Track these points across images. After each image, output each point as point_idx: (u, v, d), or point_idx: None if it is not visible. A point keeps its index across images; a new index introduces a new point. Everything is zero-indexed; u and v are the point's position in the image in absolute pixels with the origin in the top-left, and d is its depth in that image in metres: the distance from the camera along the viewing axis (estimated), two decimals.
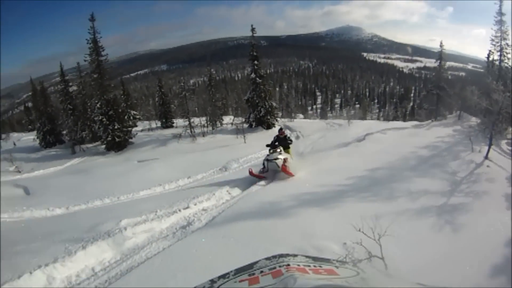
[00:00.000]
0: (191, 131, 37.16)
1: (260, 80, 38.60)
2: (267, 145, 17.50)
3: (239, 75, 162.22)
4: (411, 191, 11.37)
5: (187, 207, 12.44)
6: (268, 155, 16.82)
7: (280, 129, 19.14)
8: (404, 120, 59.30)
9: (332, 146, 22.46)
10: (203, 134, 37.65)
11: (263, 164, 17.08)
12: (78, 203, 16.17)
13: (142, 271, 8.14)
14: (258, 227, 9.55)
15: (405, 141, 21.31)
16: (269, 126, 38.94)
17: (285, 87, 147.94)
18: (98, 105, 34.89)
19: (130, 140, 36.98)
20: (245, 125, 38.93)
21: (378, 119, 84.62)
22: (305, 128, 36.13)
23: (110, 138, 34.83)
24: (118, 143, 35.21)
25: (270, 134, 34.50)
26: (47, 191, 19.80)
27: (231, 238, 9.13)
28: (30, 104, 66.50)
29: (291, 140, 18.67)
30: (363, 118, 62.30)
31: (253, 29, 39.06)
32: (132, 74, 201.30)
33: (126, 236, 10.05)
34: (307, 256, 2.52)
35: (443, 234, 8.70)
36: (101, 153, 35.28)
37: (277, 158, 16.19)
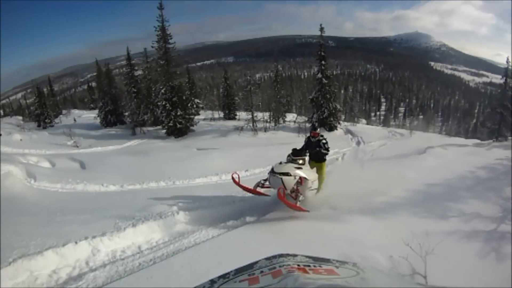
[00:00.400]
0: (253, 125, 37.50)
1: (326, 81, 38.39)
2: (294, 150, 10.99)
3: (305, 73, 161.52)
4: (464, 212, 10.77)
5: (242, 200, 12.17)
6: (275, 165, 10.48)
7: (314, 128, 12.88)
8: (466, 137, 57.78)
9: (392, 156, 21.67)
10: (265, 129, 38.07)
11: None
12: (133, 182, 16.01)
13: (188, 255, 7.98)
14: (308, 228, 9.25)
15: (464, 159, 20.27)
16: (331, 128, 38.58)
17: (350, 90, 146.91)
18: (162, 91, 35.55)
19: (191, 127, 37.56)
20: (308, 125, 38.34)
21: (440, 132, 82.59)
22: (367, 134, 35.69)
23: (171, 124, 35.41)
24: (179, 129, 35.75)
25: (332, 137, 33.79)
26: (103, 167, 19.94)
27: (280, 235, 8.94)
28: (93, 84, 68.79)
29: (327, 149, 11.63)
30: (426, 130, 60.90)
31: (321, 29, 38.93)
32: (198, 63, 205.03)
33: (177, 219, 9.94)
34: (307, 256, 2.44)
35: (487, 261, 8.16)
36: (161, 137, 35.92)
37: (286, 173, 10.00)
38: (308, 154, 11.53)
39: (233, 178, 11.62)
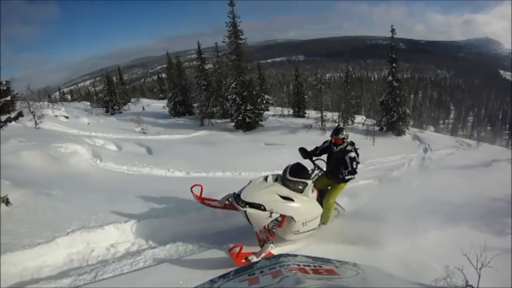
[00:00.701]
0: (322, 124, 37.14)
1: (396, 84, 37.73)
2: (301, 151, 8.96)
3: (375, 76, 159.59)
4: None
5: None
6: (249, 184, 7.31)
7: (338, 130, 8.05)
8: None
9: (458, 166, 21.35)
10: None
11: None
12: (199, 170, 16.16)
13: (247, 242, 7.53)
14: (368, 229, 8.51)
15: None
16: (399, 133, 37.90)
17: (420, 95, 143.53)
18: (233, 85, 35.91)
19: (260, 122, 37.71)
20: (376, 128, 38.01)
21: (506, 146, 79.64)
22: (434, 142, 34.85)
23: (240, 118, 35.65)
24: (248, 124, 35.96)
25: (399, 142, 33.28)
26: (170, 154, 20.10)
27: (342, 235, 8.35)
28: (163, 75, 71.04)
29: (353, 171, 7.81)
30: (493, 142, 58.86)
31: (393, 30, 38.11)
32: (268, 60, 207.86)
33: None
34: (307, 256, 2.51)
35: None
36: (229, 129, 36.26)
37: (256, 205, 6.69)
38: (319, 171, 8.53)
39: (192, 191, 7.93)
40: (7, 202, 7.87)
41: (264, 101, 39.77)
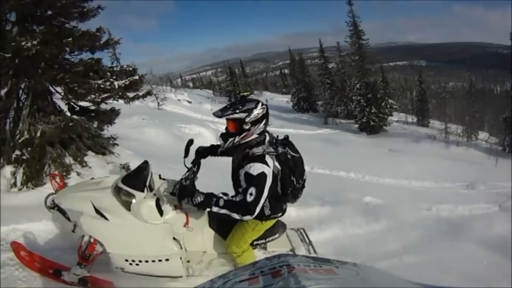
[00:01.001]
0: (446, 136, 36.12)
1: None
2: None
3: (498, 88, 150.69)
4: None
5: (429, 209, 10.95)
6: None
7: (234, 103, 4.21)
8: None
9: None
10: (457, 143, 35.67)
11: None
12: (323, 167, 16.89)
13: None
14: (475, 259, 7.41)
15: None
16: None
17: None
18: (357, 86, 36.41)
19: (384, 127, 37.47)
20: (499, 148, 35.14)
21: None
22: None
23: (365, 120, 35.95)
24: (372, 127, 36.17)
25: None
26: None
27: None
28: (286, 71, 73.75)
29: (244, 204, 3.86)
30: None
31: None
32: (390, 64, 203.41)
33: (368, 208, 9.44)
34: (307, 256, 2.28)
35: None
36: (352, 130, 36.73)
37: (61, 210, 4.60)
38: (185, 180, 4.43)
39: (15, 249, 4.67)
40: (127, 169, 8.15)
41: (388, 106, 39.27)
